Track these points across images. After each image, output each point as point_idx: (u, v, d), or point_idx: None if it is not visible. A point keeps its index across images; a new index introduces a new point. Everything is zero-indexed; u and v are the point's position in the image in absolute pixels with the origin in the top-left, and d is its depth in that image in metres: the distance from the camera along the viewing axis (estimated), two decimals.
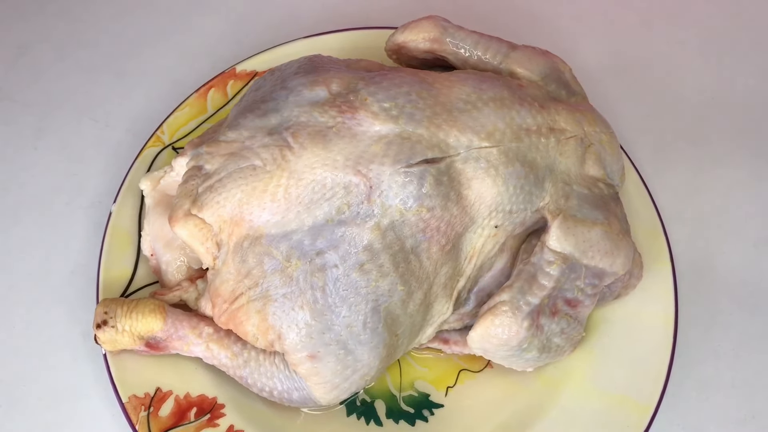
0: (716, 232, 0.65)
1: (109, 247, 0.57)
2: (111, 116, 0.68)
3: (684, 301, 0.59)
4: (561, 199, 0.52)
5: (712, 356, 0.60)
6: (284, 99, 0.51)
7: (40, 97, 0.69)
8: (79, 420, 0.57)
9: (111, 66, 0.71)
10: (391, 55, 0.59)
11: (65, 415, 0.57)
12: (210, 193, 0.49)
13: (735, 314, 0.62)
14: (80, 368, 0.58)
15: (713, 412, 0.58)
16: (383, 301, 0.49)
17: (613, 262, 0.51)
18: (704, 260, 0.63)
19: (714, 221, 0.65)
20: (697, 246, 0.64)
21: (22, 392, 0.58)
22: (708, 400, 0.59)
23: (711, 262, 0.63)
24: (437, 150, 0.49)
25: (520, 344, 0.50)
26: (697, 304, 0.61)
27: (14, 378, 0.58)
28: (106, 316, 0.52)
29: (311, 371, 0.49)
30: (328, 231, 0.48)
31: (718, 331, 0.61)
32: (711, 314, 0.61)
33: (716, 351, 0.60)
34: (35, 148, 0.67)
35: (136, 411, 0.53)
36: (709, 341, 0.60)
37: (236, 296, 0.50)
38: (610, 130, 0.55)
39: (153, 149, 0.61)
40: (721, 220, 0.65)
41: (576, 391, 0.56)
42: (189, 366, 0.55)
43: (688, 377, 0.59)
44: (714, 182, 0.67)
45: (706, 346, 0.60)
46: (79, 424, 0.57)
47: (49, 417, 0.57)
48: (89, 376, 0.58)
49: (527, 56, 0.56)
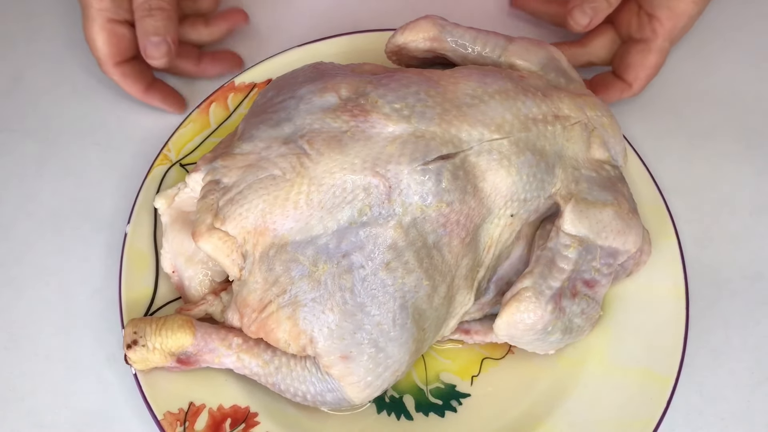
0: (712, 203, 0.67)
1: (127, 268, 0.58)
2: (113, 138, 0.68)
3: (689, 274, 0.61)
4: (571, 183, 0.53)
5: (722, 324, 0.62)
6: (295, 108, 0.52)
7: (40, 125, 0.69)
8: None
9: (108, 88, 0.70)
10: (390, 57, 0.60)
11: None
12: (231, 205, 0.50)
13: (738, 282, 0.63)
14: (109, 392, 0.58)
15: (728, 378, 0.60)
16: (410, 297, 0.50)
17: (625, 240, 0.53)
18: (703, 232, 0.65)
19: (708, 193, 0.67)
20: (694, 218, 0.66)
21: (51, 420, 0.58)
22: (722, 366, 0.60)
23: (710, 234, 0.65)
24: (451, 146, 0.51)
25: (545, 327, 0.52)
26: (701, 275, 0.63)
27: (42, 406, 0.58)
28: (135, 335, 0.52)
29: (345, 371, 0.50)
30: (352, 233, 0.50)
31: (724, 299, 0.63)
32: (716, 284, 0.63)
33: (725, 319, 0.62)
34: (40, 176, 0.67)
35: (172, 427, 0.53)
36: (718, 310, 0.62)
37: (265, 304, 0.51)
38: (610, 113, 0.57)
39: (161, 167, 0.62)
40: (715, 192, 0.67)
41: (597, 369, 0.57)
42: (219, 378, 0.56)
43: (701, 347, 0.61)
44: (705, 155, 0.69)
45: (715, 315, 0.62)
46: None
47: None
48: (118, 399, 0.58)
49: (524, 48, 0.57)
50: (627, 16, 0.67)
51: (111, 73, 0.65)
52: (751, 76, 0.73)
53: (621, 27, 0.67)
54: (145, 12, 0.62)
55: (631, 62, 0.65)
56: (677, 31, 0.64)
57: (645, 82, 0.66)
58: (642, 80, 0.65)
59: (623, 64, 0.66)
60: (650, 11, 0.65)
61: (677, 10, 0.64)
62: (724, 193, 0.67)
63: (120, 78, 0.65)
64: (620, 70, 0.66)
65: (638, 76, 0.65)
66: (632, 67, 0.65)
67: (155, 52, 0.63)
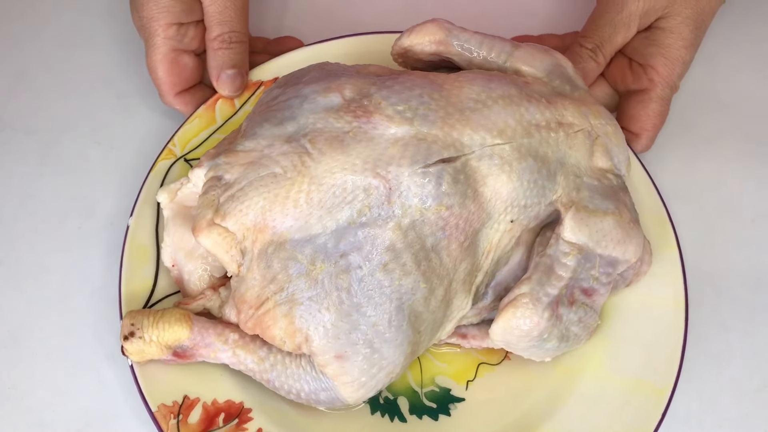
0: (714, 210, 0.67)
1: (128, 261, 0.58)
2: (114, 138, 0.68)
3: (689, 279, 0.61)
4: (573, 191, 0.53)
5: (722, 331, 0.62)
6: (299, 107, 0.52)
7: (42, 124, 0.69)
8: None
9: (110, 87, 0.71)
10: (396, 59, 0.60)
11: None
12: (232, 202, 0.50)
13: (739, 289, 0.64)
14: (109, 390, 0.58)
15: (727, 385, 0.60)
16: (407, 299, 0.50)
17: (625, 250, 0.53)
18: (705, 238, 0.65)
19: (711, 200, 0.67)
20: (696, 225, 0.66)
21: (51, 419, 0.58)
22: (721, 373, 0.60)
23: (712, 240, 0.65)
24: (452, 149, 0.51)
25: (541, 334, 0.52)
26: (702, 282, 0.63)
27: (42, 405, 0.58)
28: (133, 327, 0.53)
29: (339, 371, 0.50)
30: (350, 233, 0.50)
31: (725, 305, 0.63)
32: (717, 290, 0.63)
33: (725, 325, 0.62)
34: (41, 175, 0.67)
35: (166, 419, 0.53)
36: (718, 316, 0.62)
37: (262, 301, 0.51)
38: (614, 122, 0.57)
39: (165, 162, 0.62)
40: (717, 199, 0.67)
41: (593, 378, 0.57)
42: (214, 373, 0.56)
43: (700, 353, 0.61)
44: (708, 162, 0.69)
45: (715, 321, 0.62)
46: None
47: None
48: (118, 398, 0.58)
49: (530, 54, 0.57)
50: (619, 70, 0.66)
51: (172, 103, 0.65)
52: (754, 81, 0.73)
53: (616, 83, 0.66)
54: (224, 44, 0.63)
55: (633, 114, 0.64)
56: (674, 76, 0.64)
57: (652, 133, 0.64)
58: (649, 131, 0.64)
59: (626, 116, 0.64)
60: (643, 61, 0.64)
61: (671, 56, 0.63)
62: (726, 199, 0.67)
63: (182, 106, 0.65)
64: (624, 123, 0.64)
65: (644, 126, 0.64)
66: (635, 119, 0.64)
67: (230, 85, 0.63)
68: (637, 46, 0.65)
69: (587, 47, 0.64)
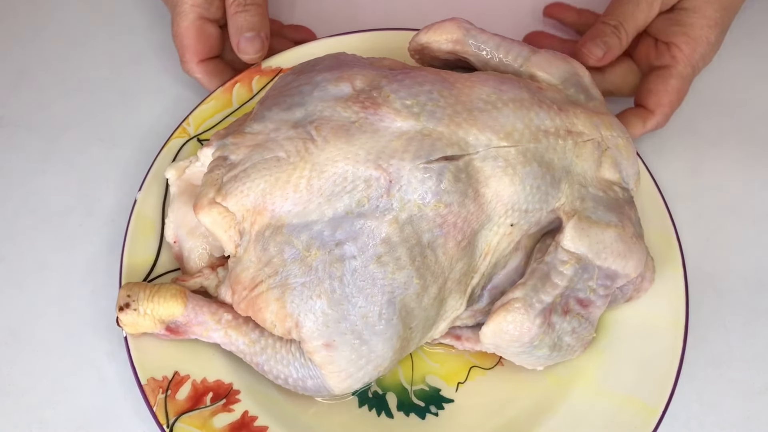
0: (716, 210, 0.66)
1: (133, 234, 0.59)
2: (117, 135, 0.69)
3: (691, 281, 0.60)
4: (576, 200, 0.53)
5: (723, 332, 0.61)
6: (309, 93, 0.53)
7: (44, 121, 0.69)
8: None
9: (113, 85, 0.71)
10: (413, 55, 0.60)
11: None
12: (234, 182, 0.51)
13: (741, 290, 0.63)
14: (108, 388, 0.59)
15: (728, 386, 0.60)
16: (399, 293, 0.50)
17: (625, 264, 0.52)
18: (707, 239, 0.65)
19: (713, 200, 0.67)
20: (698, 225, 0.65)
21: (50, 415, 0.58)
22: (723, 375, 0.60)
23: (714, 240, 0.65)
24: (457, 148, 0.51)
25: (532, 341, 0.51)
26: (704, 283, 0.63)
27: (42, 402, 0.58)
28: (128, 299, 0.53)
29: (326, 359, 0.50)
30: (347, 223, 0.50)
31: (727, 307, 0.62)
32: (719, 292, 0.63)
33: (726, 327, 0.62)
34: (43, 172, 0.67)
35: (154, 393, 0.54)
36: (719, 318, 0.62)
37: (256, 284, 0.51)
38: (626, 135, 0.56)
39: (178, 140, 0.63)
40: (720, 200, 0.67)
41: (585, 391, 0.56)
42: (207, 352, 0.56)
43: (702, 354, 0.60)
44: (711, 165, 0.68)
45: (716, 323, 0.62)
46: None
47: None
48: (118, 396, 0.58)
49: (548, 60, 0.57)
50: (644, 49, 0.66)
51: (194, 71, 0.65)
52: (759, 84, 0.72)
53: (640, 60, 0.67)
54: (240, 8, 0.63)
55: (651, 88, 0.64)
56: (697, 56, 0.64)
57: (668, 109, 0.64)
58: (665, 107, 0.64)
59: (644, 91, 0.65)
60: (667, 39, 0.64)
61: (693, 35, 0.63)
62: (729, 201, 0.67)
63: (203, 75, 0.65)
64: (641, 98, 0.65)
65: (660, 101, 0.64)
66: (653, 93, 0.64)
67: (249, 48, 0.63)
68: (662, 26, 0.65)
69: (610, 23, 0.63)
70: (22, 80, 0.72)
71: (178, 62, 0.66)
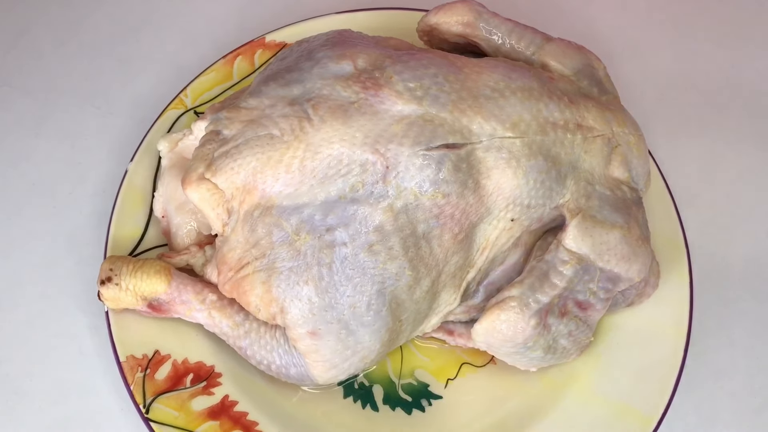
0: (728, 219, 0.64)
1: (122, 205, 0.57)
2: (113, 103, 0.67)
3: (698, 289, 0.59)
4: (582, 198, 0.50)
5: (727, 344, 0.60)
6: (308, 70, 0.50)
7: (41, 84, 0.68)
8: (88, 415, 0.56)
9: (112, 51, 0.69)
10: (422, 37, 0.58)
11: (73, 409, 0.56)
12: (225, 158, 0.49)
13: (748, 303, 0.61)
14: (88, 362, 0.57)
15: (728, 400, 0.58)
16: (389, 284, 0.48)
17: (629, 267, 0.50)
18: (717, 247, 0.63)
19: (726, 208, 0.65)
20: (709, 233, 0.63)
21: (29, 386, 0.57)
22: (723, 388, 0.58)
23: (724, 250, 0.63)
24: (459, 136, 0.48)
25: (525, 342, 0.49)
26: (711, 292, 0.61)
27: (20, 372, 0.57)
28: (111, 273, 0.52)
29: (310, 348, 0.49)
30: (340, 208, 0.48)
31: (732, 319, 0.60)
32: (725, 302, 0.61)
33: (731, 339, 0.60)
34: (36, 136, 0.65)
35: (133, 371, 0.52)
36: (724, 329, 0.60)
37: (242, 265, 0.49)
38: (639, 133, 0.54)
39: (175, 111, 0.61)
40: (732, 208, 0.65)
41: (578, 396, 0.54)
42: (190, 332, 0.55)
43: (703, 365, 0.58)
44: (725, 169, 0.66)
45: (721, 334, 0.60)
46: (87, 419, 0.56)
47: (57, 412, 0.56)
48: (97, 370, 0.57)
49: (561, 50, 0.54)
50: None
51: None
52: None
53: None
54: None
55: None
56: None
57: None
58: None
59: None
60: None
61: None
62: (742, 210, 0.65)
63: None
64: None
65: None
66: None
67: None
68: None
69: None
70: (20, 41, 0.70)
71: (180, 32, 0.64)
